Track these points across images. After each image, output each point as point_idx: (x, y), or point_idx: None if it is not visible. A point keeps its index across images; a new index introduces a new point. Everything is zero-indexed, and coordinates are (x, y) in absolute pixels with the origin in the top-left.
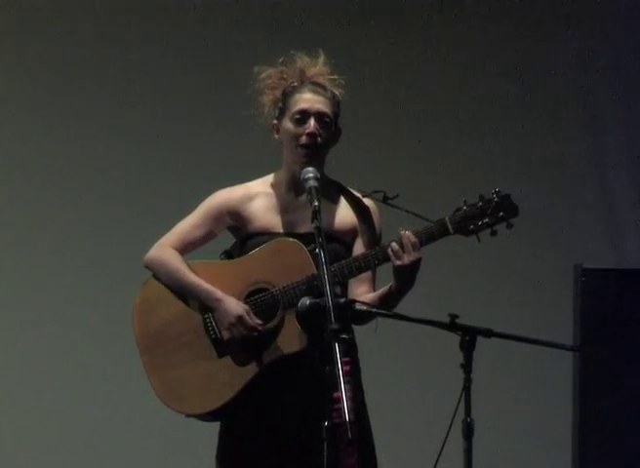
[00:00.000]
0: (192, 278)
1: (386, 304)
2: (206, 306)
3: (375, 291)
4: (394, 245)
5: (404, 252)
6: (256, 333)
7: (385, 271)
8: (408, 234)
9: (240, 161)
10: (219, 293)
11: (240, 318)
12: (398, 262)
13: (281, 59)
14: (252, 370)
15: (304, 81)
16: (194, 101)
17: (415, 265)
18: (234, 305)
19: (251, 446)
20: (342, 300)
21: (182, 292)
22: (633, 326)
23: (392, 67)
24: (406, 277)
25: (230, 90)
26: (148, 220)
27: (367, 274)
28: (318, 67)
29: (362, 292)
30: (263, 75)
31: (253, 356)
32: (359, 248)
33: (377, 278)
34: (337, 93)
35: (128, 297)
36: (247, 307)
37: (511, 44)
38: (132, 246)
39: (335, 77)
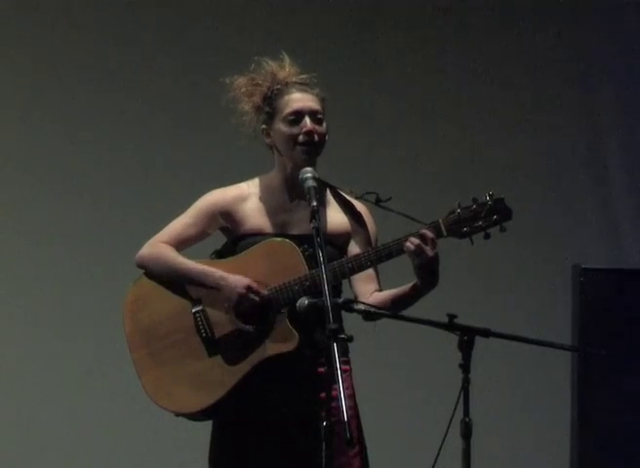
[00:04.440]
0: (189, 264)
1: (406, 302)
2: (199, 299)
3: (380, 288)
4: (409, 245)
5: (424, 247)
6: (260, 300)
7: (390, 272)
8: (425, 231)
9: (233, 162)
10: (219, 272)
11: (249, 287)
12: (418, 260)
13: (252, 67)
14: (243, 368)
15: (280, 83)
16: (189, 101)
17: (435, 261)
18: (238, 278)
19: (243, 445)
20: (341, 300)
21: (179, 281)
22: (632, 325)
23: (387, 67)
24: (428, 273)
25: (224, 91)
26: (142, 220)
27: (371, 272)
28: (287, 69)
29: (368, 290)
30: (235, 84)
31: (244, 355)
32: (353, 250)
33: (381, 280)
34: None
35: (120, 296)
36: (249, 279)
37: (511, 44)
38: (124, 245)
39: (306, 76)
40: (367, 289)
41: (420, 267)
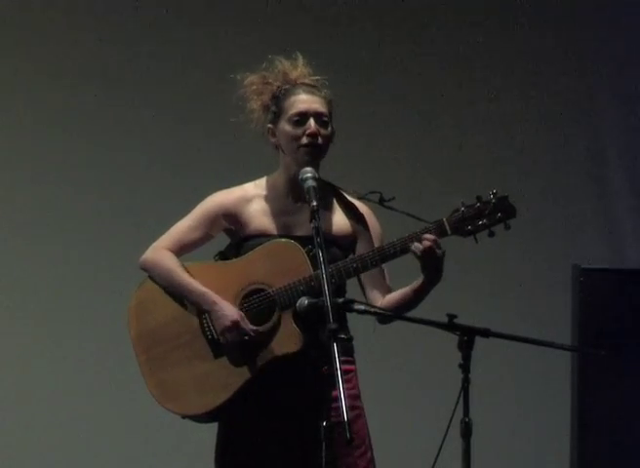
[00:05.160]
0: (187, 280)
1: (416, 300)
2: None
3: (389, 289)
4: (415, 250)
5: (434, 249)
6: (247, 338)
7: (399, 272)
8: (428, 235)
9: (238, 162)
10: (213, 297)
11: (235, 322)
12: (425, 262)
13: (264, 65)
14: (249, 370)
15: (290, 83)
16: (193, 102)
17: (441, 260)
18: (229, 310)
19: (249, 446)
20: (341, 300)
21: (178, 294)
22: (631, 325)
23: (389, 67)
24: (434, 271)
25: (229, 91)
26: (145, 222)
27: (380, 276)
28: (300, 69)
29: (381, 294)
30: (246, 82)
31: (249, 356)
32: (359, 251)
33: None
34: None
35: (125, 299)
36: (241, 313)
37: (511, 45)
38: (129, 247)
39: (318, 77)
40: (378, 294)
41: (427, 267)
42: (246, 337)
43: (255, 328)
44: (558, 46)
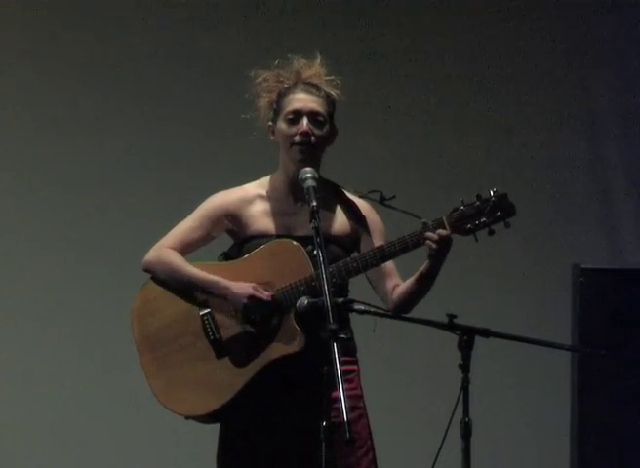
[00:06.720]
0: (194, 271)
1: (427, 286)
2: (205, 302)
3: (401, 281)
4: (430, 235)
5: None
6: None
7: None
8: (440, 231)
9: (239, 162)
10: (224, 282)
11: (251, 297)
12: (439, 253)
13: (277, 62)
14: (251, 370)
15: (299, 82)
16: (195, 103)
17: (447, 250)
18: (241, 288)
19: (250, 446)
20: (341, 300)
21: (185, 288)
22: (631, 326)
23: (389, 66)
24: (441, 259)
25: (231, 91)
26: (148, 223)
27: (392, 268)
28: (314, 69)
29: (389, 289)
30: (260, 79)
31: (251, 357)
32: (363, 249)
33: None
34: (332, 92)
35: (128, 300)
36: (253, 284)
37: (511, 45)
38: (132, 249)
39: (331, 78)
40: (387, 289)
41: (442, 253)
42: (268, 299)
43: (269, 293)
44: (559, 47)
